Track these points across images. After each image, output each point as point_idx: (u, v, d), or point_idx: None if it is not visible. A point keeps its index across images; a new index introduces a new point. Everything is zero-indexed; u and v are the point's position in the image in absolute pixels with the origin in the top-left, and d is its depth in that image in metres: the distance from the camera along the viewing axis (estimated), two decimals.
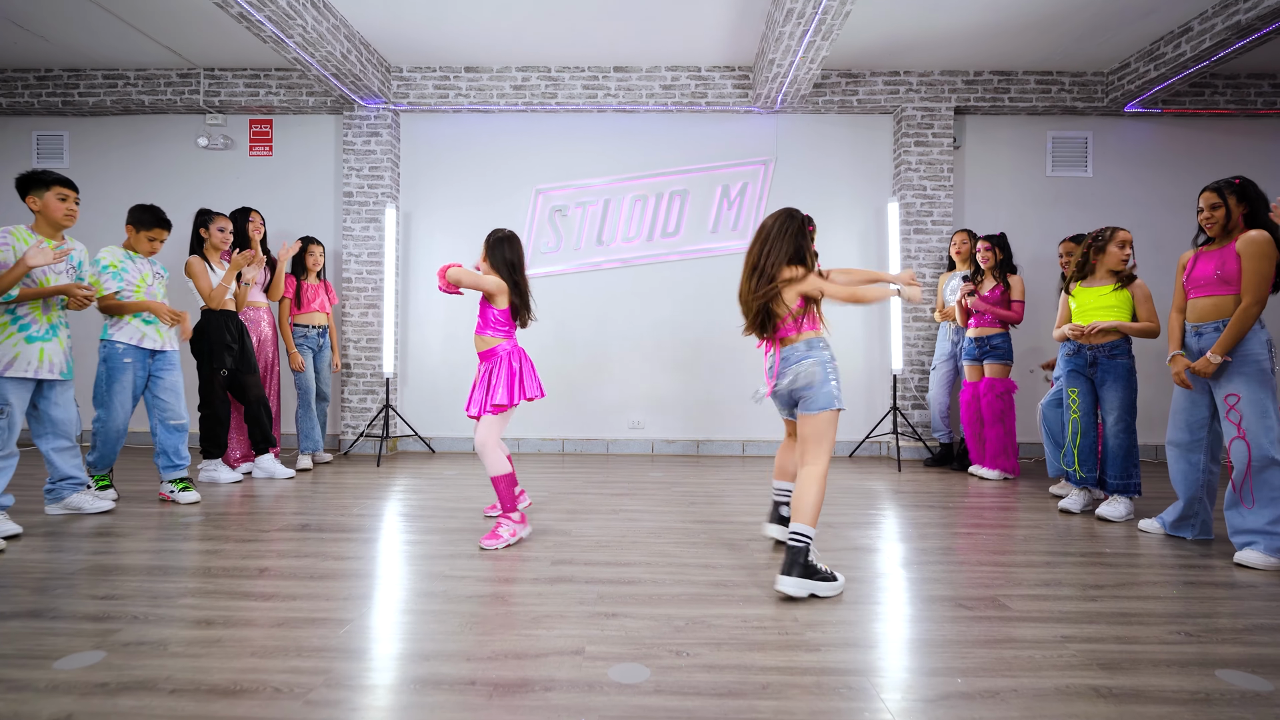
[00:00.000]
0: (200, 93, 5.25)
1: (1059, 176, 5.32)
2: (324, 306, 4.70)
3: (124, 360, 3.40)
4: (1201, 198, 2.80)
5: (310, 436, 4.55)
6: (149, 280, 3.50)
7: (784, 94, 4.91)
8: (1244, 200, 2.71)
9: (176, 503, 3.44)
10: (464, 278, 2.74)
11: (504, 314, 2.88)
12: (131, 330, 3.44)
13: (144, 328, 3.47)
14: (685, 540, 2.85)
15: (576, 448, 5.37)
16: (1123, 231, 3.26)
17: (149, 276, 3.51)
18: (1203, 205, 2.79)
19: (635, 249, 5.37)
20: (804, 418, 2.35)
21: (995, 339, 4.21)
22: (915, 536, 2.96)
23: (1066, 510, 3.40)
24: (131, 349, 3.42)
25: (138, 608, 2.04)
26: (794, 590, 2.13)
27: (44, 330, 2.95)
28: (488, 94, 5.21)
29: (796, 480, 2.31)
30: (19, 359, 2.86)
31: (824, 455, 2.29)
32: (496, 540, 2.72)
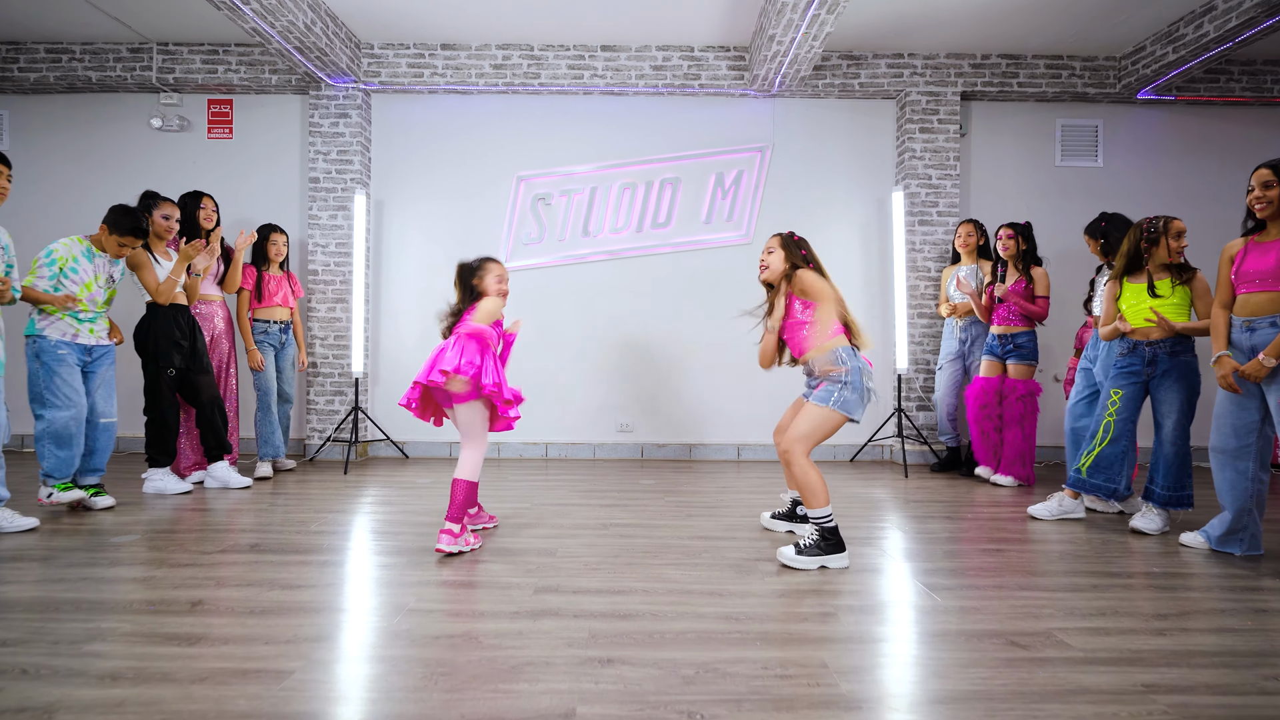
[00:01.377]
0: (153, 69, 4.84)
1: (1068, 166, 5.07)
2: (287, 300, 4.32)
3: (58, 352, 3.03)
4: (1255, 176, 2.53)
5: (270, 442, 4.17)
6: (94, 287, 3.16)
7: (782, 75, 4.61)
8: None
9: (90, 508, 3.07)
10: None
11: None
12: (64, 326, 3.06)
13: (77, 325, 3.09)
14: (686, 561, 2.53)
15: (560, 452, 5.03)
16: (1177, 221, 2.95)
17: (97, 282, 3.18)
18: (1255, 185, 2.52)
19: (623, 240, 5.04)
20: None
21: (1021, 337, 3.94)
22: (939, 554, 2.67)
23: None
24: (65, 344, 3.05)
25: (31, 657, 1.68)
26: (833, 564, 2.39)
27: None
28: (465, 73, 4.86)
29: None
30: None
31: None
32: (451, 541, 2.55)
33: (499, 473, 4.39)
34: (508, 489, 3.87)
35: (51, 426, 3.03)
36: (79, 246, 3.14)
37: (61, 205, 5.01)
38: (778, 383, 4.96)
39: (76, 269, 3.11)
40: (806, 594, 2.20)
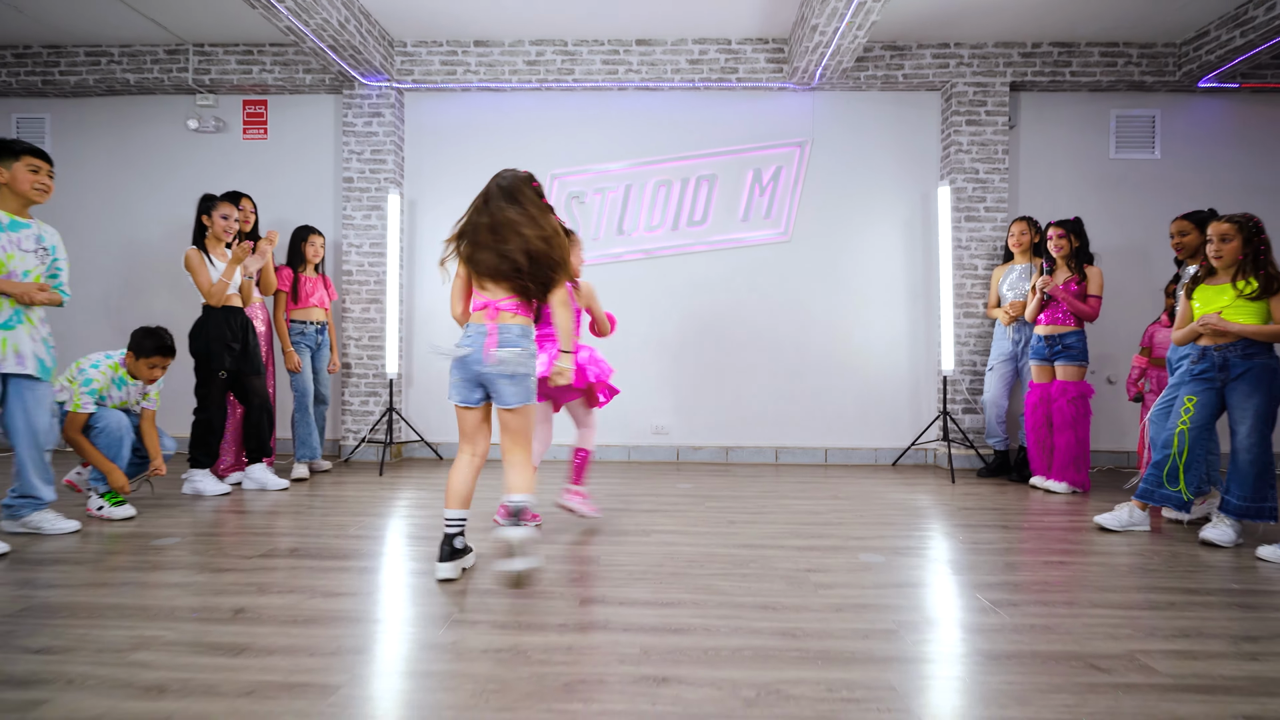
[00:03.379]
0: (189, 70, 4.87)
1: (1123, 159, 4.86)
2: (323, 302, 4.32)
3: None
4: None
5: (307, 443, 4.17)
6: (126, 405, 3.29)
7: (824, 67, 4.48)
8: None
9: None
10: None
11: None
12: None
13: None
14: (734, 571, 2.44)
15: (596, 455, 4.95)
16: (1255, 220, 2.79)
17: (126, 405, 3.29)
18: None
19: (659, 239, 4.96)
20: None
21: (1069, 337, 3.77)
22: (998, 566, 2.54)
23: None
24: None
25: (78, 666, 1.65)
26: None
27: (6, 317, 2.59)
28: (499, 70, 4.81)
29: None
30: None
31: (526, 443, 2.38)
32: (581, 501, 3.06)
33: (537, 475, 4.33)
34: (544, 491, 3.81)
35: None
36: (113, 374, 3.21)
37: (100, 207, 5.07)
38: (819, 384, 4.85)
39: (108, 398, 3.20)
40: (863, 609, 2.09)
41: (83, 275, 5.07)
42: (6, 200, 2.65)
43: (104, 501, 3.08)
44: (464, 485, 2.35)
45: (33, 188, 2.66)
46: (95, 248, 5.05)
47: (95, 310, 4.92)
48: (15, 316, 2.63)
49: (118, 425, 3.11)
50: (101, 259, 5.06)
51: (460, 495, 2.34)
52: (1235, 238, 2.75)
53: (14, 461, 2.74)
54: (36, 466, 2.76)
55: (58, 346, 2.87)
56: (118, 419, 3.12)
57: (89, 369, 3.14)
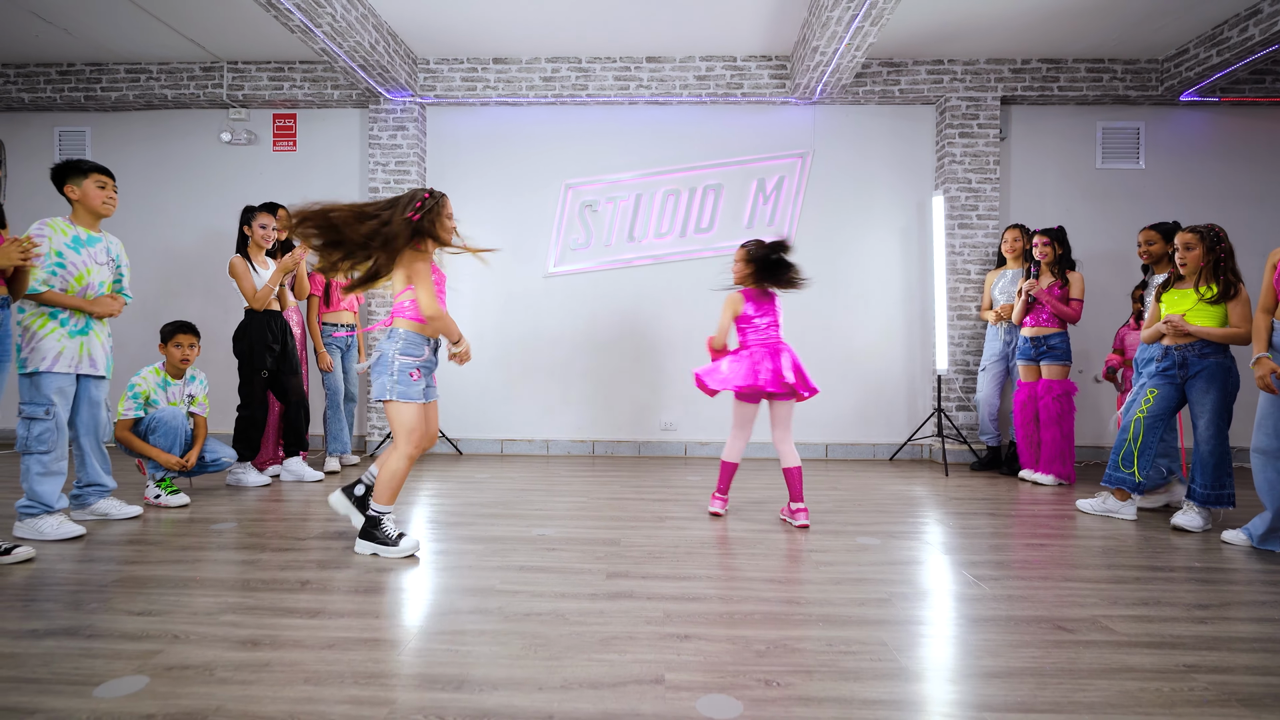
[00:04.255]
0: (224, 86, 5.14)
1: (1110, 169, 5.11)
2: (352, 305, 4.58)
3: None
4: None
5: (339, 438, 4.43)
6: (177, 406, 3.52)
7: (824, 84, 4.74)
8: None
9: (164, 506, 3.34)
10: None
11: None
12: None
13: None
14: (743, 551, 2.70)
15: (606, 450, 5.22)
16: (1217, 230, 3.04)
17: (179, 405, 3.52)
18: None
19: (667, 245, 5.21)
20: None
21: (1053, 339, 4.03)
22: (984, 548, 2.79)
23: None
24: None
25: (178, 625, 1.91)
26: (359, 549, 2.58)
27: (80, 324, 2.85)
28: (516, 86, 5.07)
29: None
30: (64, 354, 2.77)
31: (400, 443, 2.55)
32: (805, 520, 3.08)
33: (548, 469, 4.60)
34: (562, 484, 4.07)
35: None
36: (156, 379, 3.47)
37: (139, 216, 5.34)
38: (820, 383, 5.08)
39: (157, 401, 3.45)
40: (860, 582, 2.35)
41: None
42: (80, 216, 2.91)
43: (160, 490, 3.34)
44: None
45: (103, 203, 2.93)
46: (133, 255, 5.24)
47: (134, 315, 5.18)
48: (88, 324, 2.89)
49: (172, 418, 3.37)
50: (139, 266, 5.30)
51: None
52: (1197, 246, 3.01)
53: (76, 454, 3.00)
54: (99, 457, 3.02)
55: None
56: (172, 414, 3.37)
57: (134, 378, 3.43)
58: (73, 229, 2.86)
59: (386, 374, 2.51)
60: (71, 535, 2.75)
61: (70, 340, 2.79)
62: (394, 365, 2.51)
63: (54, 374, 2.74)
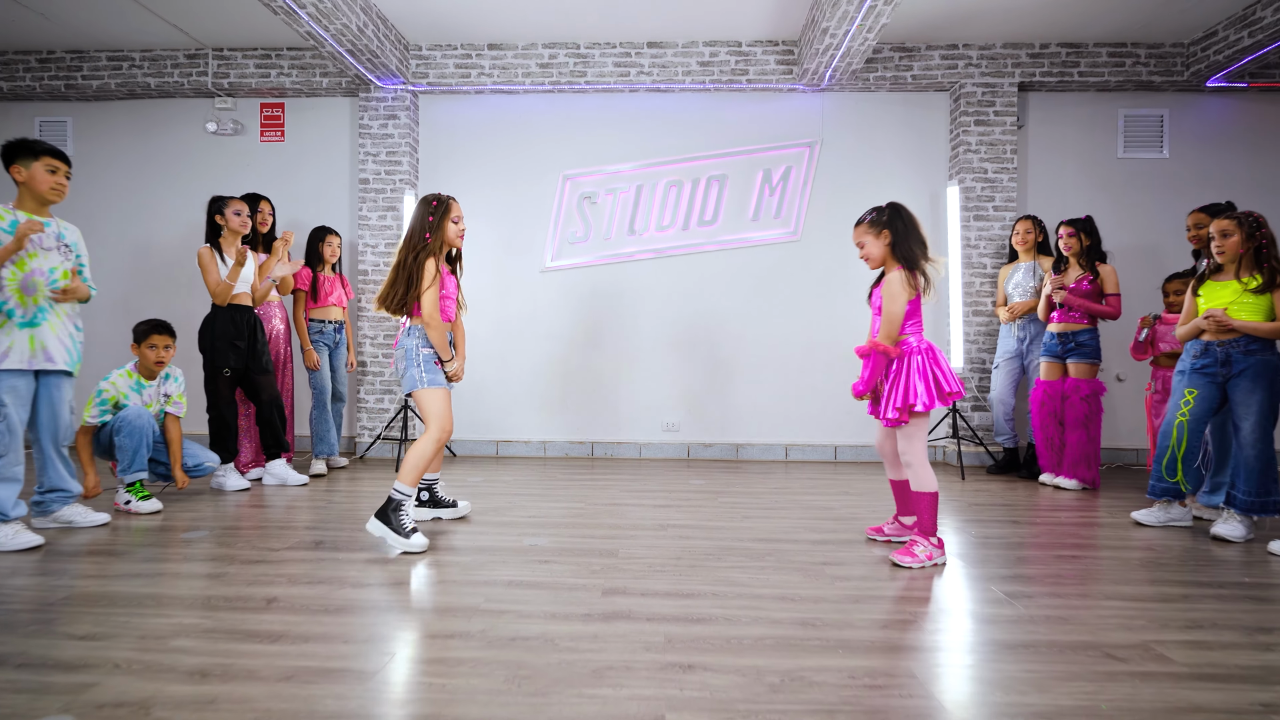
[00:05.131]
0: (208, 74, 4.94)
1: (1131, 158, 4.89)
2: (340, 301, 4.38)
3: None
4: None
5: (325, 440, 4.23)
6: (153, 408, 3.33)
7: (833, 69, 4.52)
8: None
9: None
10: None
11: (913, 304, 2.54)
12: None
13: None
14: (751, 564, 2.49)
15: (606, 451, 5.02)
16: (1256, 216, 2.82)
17: (152, 407, 3.33)
18: None
19: (669, 239, 5.01)
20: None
21: (1082, 335, 3.81)
22: (1011, 560, 2.58)
23: (1140, 522, 3.03)
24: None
25: (122, 651, 1.71)
26: (370, 528, 2.59)
27: (30, 314, 2.63)
28: (512, 73, 4.87)
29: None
30: (13, 349, 2.57)
31: (431, 427, 2.67)
32: (911, 558, 2.46)
33: (545, 472, 4.40)
34: (558, 488, 3.87)
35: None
36: (128, 381, 3.27)
37: (121, 209, 5.15)
38: (829, 381, 4.90)
39: (127, 403, 3.24)
40: (879, 599, 2.14)
41: (104, 276, 5.14)
42: (24, 200, 2.69)
43: (131, 495, 3.14)
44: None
45: (50, 189, 2.70)
46: (116, 249, 5.13)
47: (116, 311, 4.99)
48: (40, 314, 2.65)
49: (137, 417, 3.16)
50: (122, 260, 5.14)
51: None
52: (1235, 233, 2.79)
53: (36, 457, 2.80)
54: (61, 461, 2.82)
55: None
56: (137, 414, 3.16)
57: (102, 383, 3.22)
58: (11, 214, 2.63)
59: (413, 366, 2.67)
60: (28, 545, 2.55)
61: (19, 333, 2.58)
62: (419, 356, 2.68)
63: (3, 371, 2.54)
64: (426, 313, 2.65)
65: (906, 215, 2.55)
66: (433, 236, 2.65)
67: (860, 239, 2.61)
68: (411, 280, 2.64)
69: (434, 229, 2.65)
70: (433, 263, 2.64)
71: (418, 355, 2.67)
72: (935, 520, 2.52)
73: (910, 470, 2.53)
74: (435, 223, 2.66)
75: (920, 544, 2.49)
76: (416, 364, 2.67)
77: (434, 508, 3.09)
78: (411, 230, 2.69)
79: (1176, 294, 3.63)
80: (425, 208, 2.69)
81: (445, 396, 2.70)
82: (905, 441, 2.53)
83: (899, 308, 2.50)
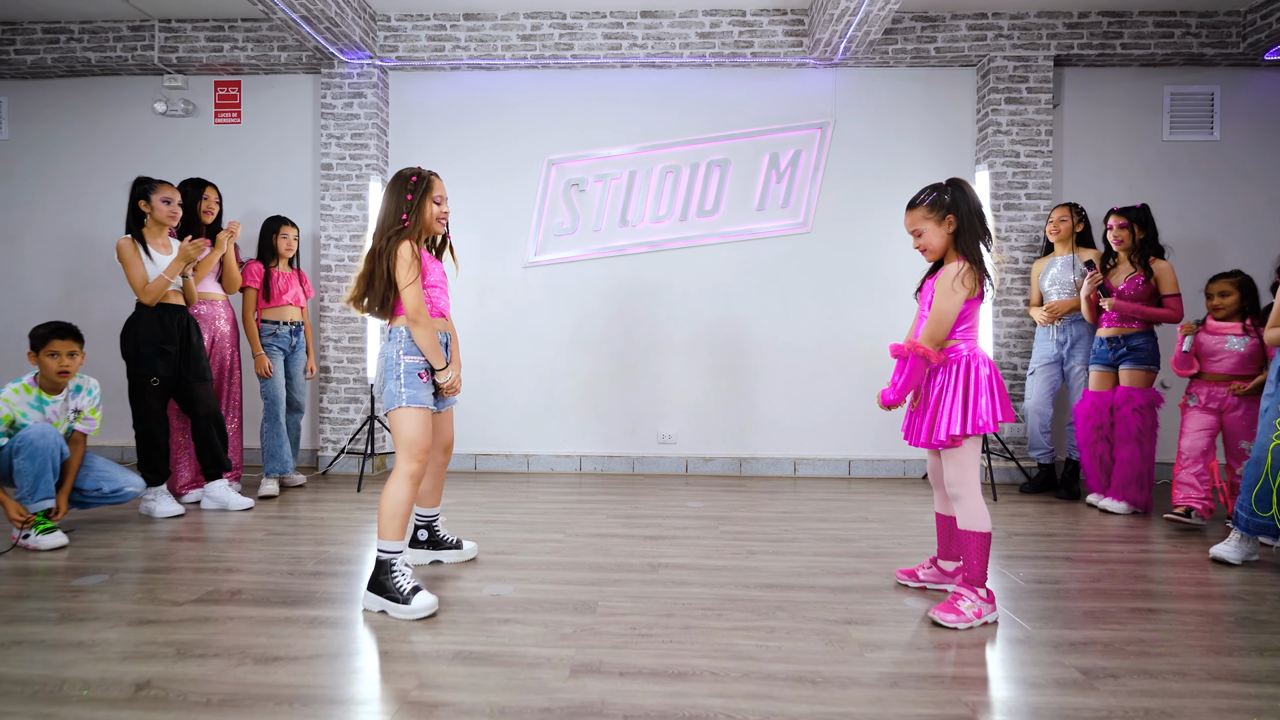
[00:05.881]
0: (155, 48, 4.47)
1: (1178, 140, 4.40)
2: (298, 299, 3.91)
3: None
4: None
5: (277, 456, 3.76)
6: (61, 425, 2.86)
7: (848, 40, 4.04)
8: None
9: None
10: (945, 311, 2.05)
11: (970, 306, 2.09)
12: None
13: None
14: (759, 623, 2.02)
15: (596, 466, 4.54)
16: None
17: (59, 425, 2.84)
18: None
19: (665, 230, 4.53)
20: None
21: (1136, 339, 3.33)
22: (1078, 617, 2.10)
23: (1221, 559, 2.58)
24: None
25: None
26: (367, 605, 2.10)
27: None
28: (491, 46, 4.39)
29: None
30: None
31: (400, 460, 2.14)
32: (957, 616, 1.99)
33: (527, 491, 3.93)
34: (538, 512, 3.40)
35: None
36: (26, 397, 2.78)
37: (63, 198, 4.68)
38: (842, 388, 4.43)
39: (26, 421, 2.76)
40: (923, 681, 1.67)
41: (43, 272, 4.70)
42: None
43: (30, 530, 2.68)
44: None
45: None
46: (55, 243, 4.67)
47: (56, 310, 4.51)
48: None
49: (40, 437, 2.69)
50: (62, 255, 4.68)
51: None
52: None
53: None
54: None
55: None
56: (40, 433, 2.70)
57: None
58: None
59: (392, 378, 2.17)
60: None
61: None
62: (399, 368, 2.17)
63: None
64: (410, 309, 2.15)
65: (973, 197, 2.10)
66: (411, 219, 2.18)
67: (917, 225, 2.15)
68: (389, 272, 2.15)
69: (413, 210, 2.18)
70: (409, 246, 2.15)
71: (398, 365, 2.16)
72: (986, 568, 2.05)
73: (959, 505, 2.06)
74: (415, 203, 2.19)
75: (966, 597, 2.03)
76: (395, 375, 2.16)
77: (434, 549, 2.56)
78: (385, 213, 2.20)
79: (1222, 296, 3.10)
80: (402, 185, 2.21)
81: (424, 419, 2.16)
82: (956, 469, 2.06)
83: (952, 306, 2.04)
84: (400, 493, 2.09)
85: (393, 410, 2.15)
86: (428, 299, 2.23)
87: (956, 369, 2.08)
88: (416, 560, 2.52)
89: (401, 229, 2.18)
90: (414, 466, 2.12)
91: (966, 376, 2.06)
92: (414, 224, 2.19)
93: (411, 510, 2.14)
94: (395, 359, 2.18)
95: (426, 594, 2.05)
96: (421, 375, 2.19)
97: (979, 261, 2.08)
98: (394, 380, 2.16)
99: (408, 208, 2.19)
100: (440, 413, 2.40)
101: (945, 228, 2.11)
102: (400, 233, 2.17)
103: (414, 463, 2.12)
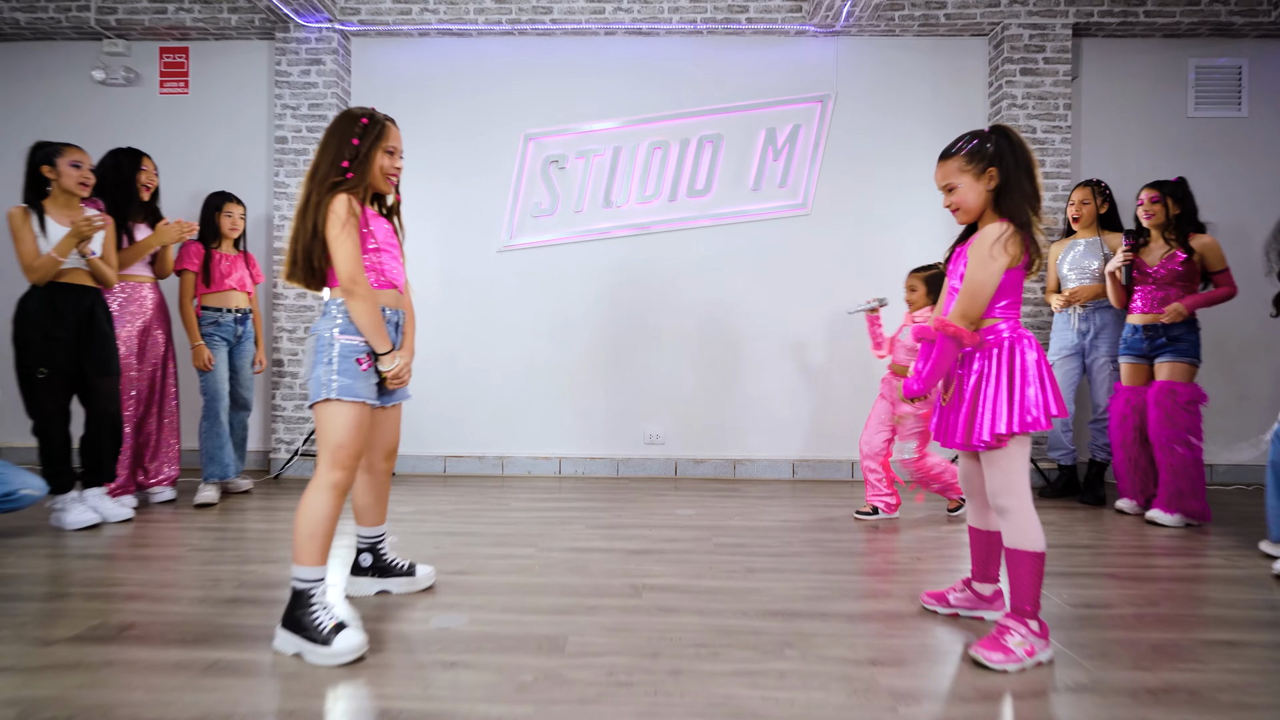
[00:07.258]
0: (91, 9, 4.04)
1: (1204, 116, 4.09)
2: (244, 284, 3.51)
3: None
4: None
5: (217, 460, 3.35)
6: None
7: (851, 5, 3.70)
8: None
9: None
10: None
11: (1012, 277, 1.73)
12: None
13: None
14: (763, 663, 1.65)
15: (576, 468, 4.17)
16: None
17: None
18: None
19: (653, 212, 4.16)
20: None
21: (1176, 329, 2.99)
22: (1145, 652, 1.75)
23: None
24: None
25: None
26: (280, 645, 1.68)
27: None
28: (462, 9, 4.00)
29: None
30: None
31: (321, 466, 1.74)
32: (1004, 656, 1.62)
33: (500, 498, 3.55)
34: (510, 522, 3.02)
35: None
36: None
37: None
38: (844, 384, 4.08)
39: None
40: None
41: None
42: None
43: None
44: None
45: None
46: None
47: None
48: None
49: None
50: None
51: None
52: None
53: None
54: None
55: None
56: None
57: None
58: None
59: (322, 362, 1.77)
60: None
61: None
62: (332, 349, 1.77)
63: None
64: (344, 275, 1.75)
65: (1020, 147, 1.75)
66: (356, 171, 1.79)
67: (950, 179, 1.79)
68: (319, 228, 1.75)
69: (360, 160, 1.80)
70: (346, 200, 1.75)
71: (330, 347, 1.77)
72: (1039, 595, 1.69)
73: (1005, 519, 1.70)
74: (363, 150, 1.80)
75: (1015, 631, 1.66)
76: (326, 360, 1.76)
77: (380, 576, 2.11)
78: (323, 158, 1.80)
79: (910, 290, 3.07)
80: (348, 127, 1.81)
81: (360, 416, 1.76)
82: (1002, 475, 1.70)
83: (990, 276, 1.69)
84: (320, 507, 1.70)
85: (318, 403, 1.76)
86: (373, 265, 1.85)
87: (998, 354, 1.72)
88: (359, 591, 2.11)
89: (341, 180, 1.78)
90: (337, 475, 1.73)
91: (1010, 362, 1.71)
92: (358, 176, 1.80)
93: (334, 528, 1.73)
94: (328, 338, 1.78)
95: (352, 632, 1.64)
96: (360, 361, 1.79)
97: (1026, 226, 1.72)
98: (324, 365, 1.76)
99: (352, 154, 1.79)
100: (384, 409, 2.01)
101: (985, 183, 1.75)
102: (339, 184, 1.77)
103: (338, 470, 1.73)
